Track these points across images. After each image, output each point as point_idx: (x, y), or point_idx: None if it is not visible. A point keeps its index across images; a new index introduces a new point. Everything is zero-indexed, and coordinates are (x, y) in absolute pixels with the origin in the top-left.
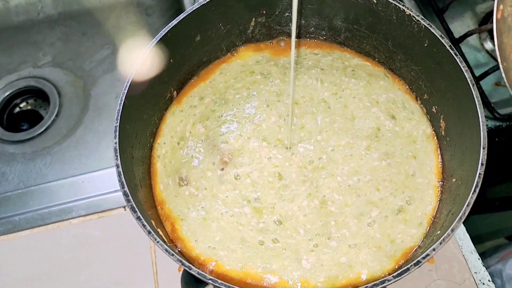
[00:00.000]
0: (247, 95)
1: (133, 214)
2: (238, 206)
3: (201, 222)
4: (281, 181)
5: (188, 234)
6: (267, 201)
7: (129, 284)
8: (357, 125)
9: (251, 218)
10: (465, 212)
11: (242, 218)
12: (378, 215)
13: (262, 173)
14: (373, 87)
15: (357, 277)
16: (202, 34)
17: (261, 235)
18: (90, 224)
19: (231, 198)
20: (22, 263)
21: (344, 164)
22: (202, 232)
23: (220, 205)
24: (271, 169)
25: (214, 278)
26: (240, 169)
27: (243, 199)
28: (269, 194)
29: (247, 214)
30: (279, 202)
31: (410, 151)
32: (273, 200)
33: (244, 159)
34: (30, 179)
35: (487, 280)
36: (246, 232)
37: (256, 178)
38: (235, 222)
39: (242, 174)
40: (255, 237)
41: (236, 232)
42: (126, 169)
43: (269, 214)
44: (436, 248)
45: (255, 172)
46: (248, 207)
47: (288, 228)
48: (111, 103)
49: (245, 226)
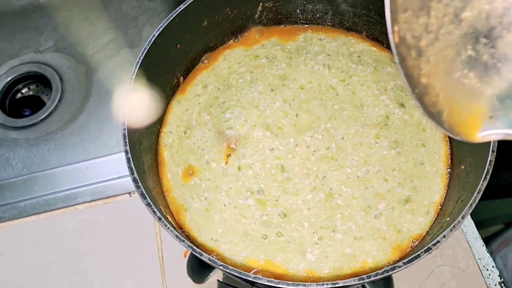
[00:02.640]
0: (251, 79)
1: (143, 201)
2: (241, 197)
3: (204, 213)
4: (284, 174)
5: (191, 224)
6: (270, 194)
7: (135, 270)
8: (366, 113)
9: (255, 211)
10: (476, 199)
11: (246, 210)
12: (385, 207)
13: (264, 165)
14: (381, 74)
15: (362, 266)
16: (209, 19)
17: (265, 228)
18: (96, 210)
19: (234, 190)
20: (28, 249)
21: (354, 154)
22: (205, 224)
23: (223, 197)
24: (273, 161)
25: (225, 264)
26: (243, 160)
27: (247, 191)
28: (272, 187)
29: (251, 206)
30: (283, 195)
31: (419, 139)
32: (276, 192)
33: (247, 150)
34: (33, 164)
35: (491, 266)
36: (249, 225)
37: (258, 170)
38: (238, 214)
39: (244, 165)
40: (258, 230)
41: (239, 225)
42: (135, 155)
43: (273, 207)
44: (447, 234)
45: (257, 164)
46: (252, 198)
47: (292, 221)
48: (114, 89)
49: (249, 219)
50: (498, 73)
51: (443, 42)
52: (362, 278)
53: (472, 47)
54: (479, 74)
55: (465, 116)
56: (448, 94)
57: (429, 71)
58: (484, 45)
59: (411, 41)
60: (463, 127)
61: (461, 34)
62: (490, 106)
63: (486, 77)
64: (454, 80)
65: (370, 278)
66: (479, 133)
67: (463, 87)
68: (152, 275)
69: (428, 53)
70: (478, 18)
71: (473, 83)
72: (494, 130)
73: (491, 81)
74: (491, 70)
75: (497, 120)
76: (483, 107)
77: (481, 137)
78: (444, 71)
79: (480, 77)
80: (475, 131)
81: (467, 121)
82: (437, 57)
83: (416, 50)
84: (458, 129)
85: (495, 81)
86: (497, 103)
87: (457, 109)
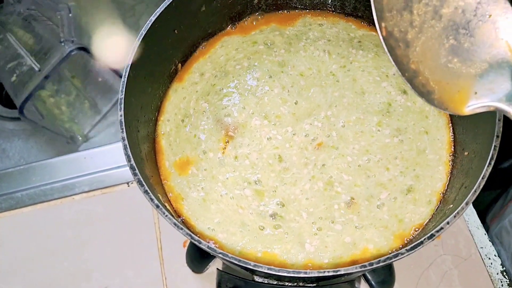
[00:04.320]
0: (248, 65)
1: (141, 188)
2: (238, 188)
3: (201, 203)
4: (281, 164)
5: (189, 213)
6: (268, 184)
7: (133, 260)
8: (367, 100)
9: (252, 201)
10: (480, 185)
11: (243, 200)
12: (387, 197)
13: (261, 155)
14: (382, 60)
15: (362, 252)
16: (207, 4)
17: (262, 219)
18: (93, 200)
19: (231, 180)
20: (25, 240)
21: (355, 143)
22: (201, 213)
23: (220, 187)
24: (270, 151)
25: (224, 252)
26: (240, 150)
27: (244, 181)
28: (270, 177)
29: (248, 196)
30: (281, 185)
31: (422, 126)
32: (274, 183)
33: (244, 140)
34: (31, 155)
35: (493, 255)
36: (246, 215)
37: (255, 160)
38: (235, 204)
39: (241, 155)
40: (255, 221)
41: (236, 215)
42: (132, 143)
43: (271, 197)
44: (450, 221)
45: (254, 154)
46: (249, 189)
47: (291, 212)
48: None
49: (246, 209)
50: (478, 57)
51: (427, 35)
52: (364, 265)
53: (454, 37)
54: (462, 59)
55: (454, 94)
56: (436, 77)
57: (417, 59)
58: (463, 35)
59: (398, 35)
60: (452, 103)
61: (442, 27)
62: (474, 84)
63: (468, 61)
64: (441, 65)
65: (372, 266)
66: (466, 107)
67: (449, 70)
68: (151, 265)
69: (414, 44)
70: (456, 13)
71: (458, 67)
72: (480, 103)
73: (473, 64)
74: (472, 54)
75: (481, 95)
76: (468, 85)
77: (468, 111)
78: (431, 58)
79: (463, 61)
80: (463, 105)
81: (455, 98)
82: (423, 47)
83: (403, 43)
84: (447, 104)
85: (477, 63)
86: (480, 81)
87: (446, 89)
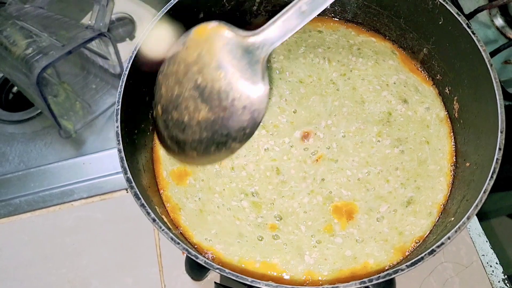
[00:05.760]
0: None
1: (137, 201)
2: (235, 199)
3: (198, 214)
4: (279, 176)
5: (187, 223)
6: (266, 197)
7: (132, 267)
8: (367, 109)
9: (250, 213)
10: (482, 199)
11: (240, 212)
12: (387, 209)
13: (259, 166)
14: (382, 68)
15: (363, 266)
16: (205, 12)
17: (260, 230)
18: (92, 206)
19: (228, 191)
20: (23, 246)
21: (355, 154)
22: (199, 224)
23: (216, 198)
24: (268, 162)
25: (221, 267)
26: (236, 161)
27: (241, 193)
28: (267, 190)
29: (245, 208)
30: (279, 198)
31: (423, 136)
32: (272, 195)
33: (241, 150)
34: (30, 159)
35: (495, 262)
36: (243, 227)
37: (252, 171)
38: (232, 216)
39: (238, 166)
40: (253, 232)
41: (233, 227)
42: (129, 154)
43: (269, 210)
44: (451, 236)
45: (251, 165)
46: (246, 201)
47: (289, 224)
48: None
49: (243, 221)
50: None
51: (194, 131)
52: (364, 281)
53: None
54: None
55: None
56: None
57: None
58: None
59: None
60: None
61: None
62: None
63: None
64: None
65: (372, 282)
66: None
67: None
68: (150, 272)
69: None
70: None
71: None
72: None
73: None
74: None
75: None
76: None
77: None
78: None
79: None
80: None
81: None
82: (192, 145)
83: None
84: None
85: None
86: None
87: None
